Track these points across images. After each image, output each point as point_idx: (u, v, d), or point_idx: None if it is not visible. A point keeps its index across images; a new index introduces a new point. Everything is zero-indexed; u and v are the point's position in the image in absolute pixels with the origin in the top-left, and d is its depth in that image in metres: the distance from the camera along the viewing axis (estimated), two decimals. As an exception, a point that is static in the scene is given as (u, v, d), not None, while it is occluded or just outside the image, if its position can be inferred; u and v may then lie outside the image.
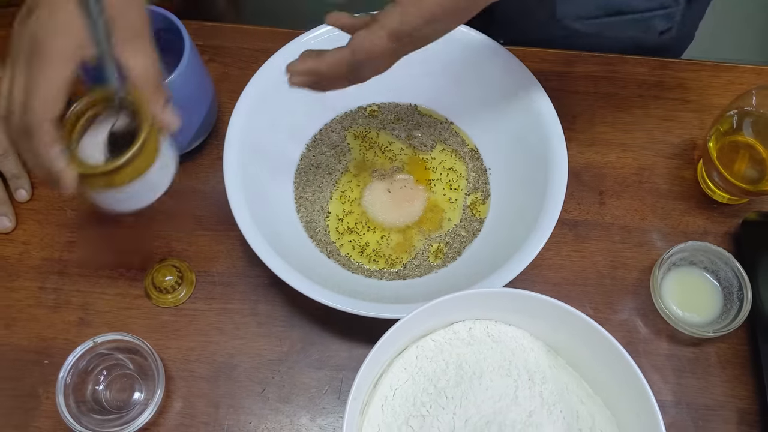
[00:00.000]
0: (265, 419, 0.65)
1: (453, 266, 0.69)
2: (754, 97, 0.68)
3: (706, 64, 0.79)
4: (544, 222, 0.64)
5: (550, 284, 0.70)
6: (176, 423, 0.65)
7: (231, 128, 0.67)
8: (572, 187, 0.73)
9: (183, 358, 0.67)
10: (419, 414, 0.57)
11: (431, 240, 0.71)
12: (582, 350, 0.59)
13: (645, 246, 0.72)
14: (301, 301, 0.68)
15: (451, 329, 0.60)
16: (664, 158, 0.76)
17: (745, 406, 0.66)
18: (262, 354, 0.67)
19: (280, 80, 0.69)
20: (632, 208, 0.73)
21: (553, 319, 0.58)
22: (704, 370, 0.67)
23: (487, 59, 0.71)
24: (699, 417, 0.66)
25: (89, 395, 0.64)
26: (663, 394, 0.66)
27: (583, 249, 0.72)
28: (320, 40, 0.70)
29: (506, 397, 0.58)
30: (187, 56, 0.64)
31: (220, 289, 0.69)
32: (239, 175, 0.65)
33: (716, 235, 0.72)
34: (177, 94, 0.65)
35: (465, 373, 0.59)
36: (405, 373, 0.59)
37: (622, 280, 0.70)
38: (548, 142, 0.67)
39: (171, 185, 0.58)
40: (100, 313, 0.68)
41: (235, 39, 0.80)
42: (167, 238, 0.71)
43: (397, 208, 0.71)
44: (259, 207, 0.66)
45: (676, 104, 0.77)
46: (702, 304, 0.69)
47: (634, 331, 0.69)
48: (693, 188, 0.74)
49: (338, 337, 0.68)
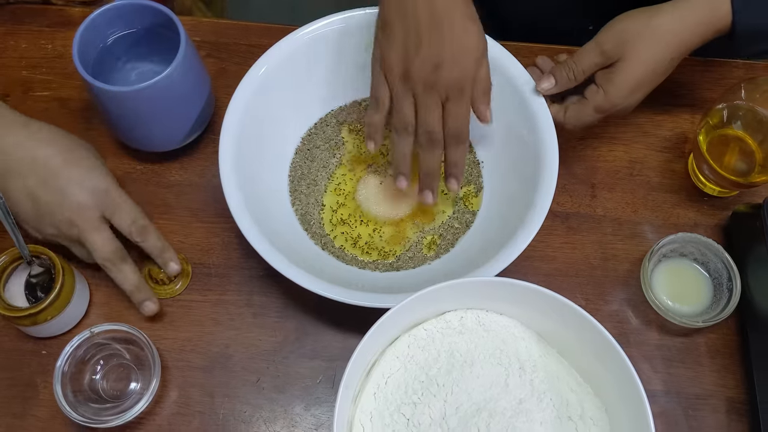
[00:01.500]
0: (259, 408, 0.66)
1: (446, 258, 0.70)
2: (742, 90, 0.69)
3: (697, 59, 0.80)
4: (535, 213, 0.64)
5: (542, 275, 0.71)
6: (172, 412, 0.66)
7: (226, 122, 0.68)
8: (564, 180, 0.74)
9: (179, 349, 0.68)
10: (411, 401, 0.58)
11: (425, 232, 0.72)
12: (572, 340, 0.60)
13: (636, 238, 0.73)
14: (296, 292, 0.69)
15: (443, 318, 0.61)
16: (656, 152, 0.76)
17: (733, 395, 0.67)
18: (257, 344, 0.68)
19: (275, 75, 0.70)
20: (624, 201, 0.74)
21: (543, 309, 0.59)
22: (694, 359, 0.68)
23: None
24: (689, 406, 0.67)
25: (86, 385, 0.65)
26: (653, 384, 0.67)
27: (574, 241, 0.73)
28: (314, 35, 0.71)
29: (497, 385, 0.59)
30: (182, 50, 0.65)
31: (216, 280, 0.70)
32: (235, 168, 0.66)
33: (706, 227, 0.73)
34: (173, 89, 0.66)
35: (456, 362, 0.59)
36: (397, 362, 0.60)
37: (614, 271, 0.71)
38: (540, 136, 0.68)
39: (88, 306, 0.69)
40: (98, 305, 0.69)
41: (232, 35, 0.81)
42: (164, 230, 0.72)
43: (390, 202, 0.72)
44: (254, 200, 0.66)
45: (667, 98, 0.77)
46: (692, 294, 0.69)
47: (624, 321, 0.70)
48: (684, 181, 0.75)
49: (332, 328, 0.69)
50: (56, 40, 0.80)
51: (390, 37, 0.62)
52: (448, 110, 0.63)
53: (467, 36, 0.61)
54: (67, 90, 0.78)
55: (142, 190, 0.73)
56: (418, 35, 0.60)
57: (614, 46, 0.65)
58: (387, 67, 0.63)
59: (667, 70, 0.66)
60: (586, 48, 0.67)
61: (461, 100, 0.63)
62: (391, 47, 0.62)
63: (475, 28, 0.62)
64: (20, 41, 0.80)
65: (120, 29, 0.70)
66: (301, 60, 0.71)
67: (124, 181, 0.74)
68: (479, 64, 0.63)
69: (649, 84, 0.66)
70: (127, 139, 0.73)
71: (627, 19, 0.66)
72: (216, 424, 0.65)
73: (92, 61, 0.68)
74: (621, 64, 0.65)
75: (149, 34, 0.70)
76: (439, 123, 0.63)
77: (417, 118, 0.63)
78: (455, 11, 0.61)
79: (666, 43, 0.64)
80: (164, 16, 0.67)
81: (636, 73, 0.65)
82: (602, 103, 0.66)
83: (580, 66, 0.67)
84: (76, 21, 0.67)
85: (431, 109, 0.62)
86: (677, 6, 0.65)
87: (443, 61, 0.61)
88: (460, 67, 0.61)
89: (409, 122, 0.64)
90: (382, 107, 0.64)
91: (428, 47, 0.60)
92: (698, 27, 0.64)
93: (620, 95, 0.66)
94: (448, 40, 0.60)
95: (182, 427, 0.65)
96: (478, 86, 0.64)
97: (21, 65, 0.79)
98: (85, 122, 0.76)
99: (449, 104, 0.63)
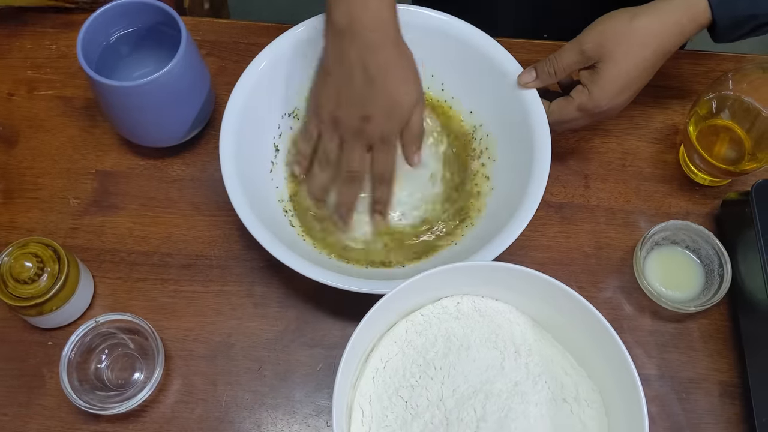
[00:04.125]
0: (261, 395, 0.67)
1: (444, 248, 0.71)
2: (730, 81, 0.70)
3: (686, 52, 0.82)
4: (528, 202, 0.66)
5: (536, 264, 0.72)
6: (176, 400, 0.67)
7: (226, 117, 0.69)
8: (558, 171, 0.76)
9: (182, 338, 0.69)
10: (409, 384, 0.59)
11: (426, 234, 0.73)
12: (567, 325, 0.61)
13: (629, 227, 0.74)
14: (296, 282, 0.70)
15: (439, 304, 0.63)
16: (647, 143, 0.78)
17: (726, 379, 0.68)
18: (259, 333, 0.69)
19: (274, 71, 0.72)
20: (616, 191, 0.76)
21: (539, 294, 0.60)
22: (687, 344, 0.69)
23: (475, 49, 0.73)
24: (682, 390, 0.68)
25: (92, 373, 0.66)
26: (647, 368, 0.68)
27: (568, 230, 0.74)
28: (313, 32, 0.73)
29: (493, 368, 0.60)
30: (183, 47, 0.67)
31: (218, 271, 0.72)
32: (235, 163, 0.68)
33: (698, 216, 0.74)
34: (174, 84, 0.68)
35: (453, 345, 0.61)
36: (395, 347, 0.61)
37: (607, 259, 0.73)
38: (532, 128, 0.69)
39: (92, 297, 0.70)
40: (102, 296, 0.71)
41: (231, 34, 0.83)
42: (167, 224, 0.73)
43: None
44: (254, 193, 0.68)
45: (658, 91, 0.79)
46: (684, 281, 0.71)
47: (618, 308, 0.71)
48: (675, 171, 0.77)
49: (331, 317, 0.70)
50: (60, 40, 0.82)
51: (326, 83, 0.65)
52: (374, 156, 0.66)
53: (401, 91, 0.64)
54: (70, 89, 0.79)
55: (145, 185, 0.75)
56: (352, 87, 0.63)
57: (594, 46, 0.66)
58: (319, 109, 0.66)
59: (650, 71, 0.67)
60: (567, 46, 0.68)
61: (387, 149, 0.66)
62: (325, 92, 0.65)
63: (410, 82, 0.64)
64: (25, 42, 0.81)
65: (122, 27, 0.71)
66: (299, 56, 0.73)
67: (127, 176, 0.75)
68: (411, 114, 0.65)
69: (633, 86, 0.67)
70: (130, 135, 0.74)
71: (609, 20, 0.66)
72: (219, 411, 0.67)
73: (95, 59, 0.70)
74: (603, 65, 0.66)
75: (151, 32, 0.72)
76: (361, 164, 0.66)
77: (341, 156, 0.67)
78: (392, 67, 0.63)
79: (647, 45, 0.65)
80: (166, 14, 0.69)
81: (619, 75, 0.66)
82: (586, 103, 0.67)
83: (560, 63, 0.68)
84: (78, 22, 0.69)
85: (355, 151, 0.66)
86: (657, 7, 0.66)
87: (372, 116, 0.63)
88: (390, 121, 0.64)
89: (331, 159, 0.67)
90: (310, 138, 0.68)
91: (359, 100, 0.63)
92: (678, 26, 0.65)
93: (604, 96, 0.66)
94: (380, 96, 0.63)
95: (185, 414, 0.66)
96: (408, 134, 0.66)
97: (26, 65, 0.80)
98: (89, 119, 0.78)
99: (375, 152, 0.66)
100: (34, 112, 0.78)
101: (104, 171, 0.76)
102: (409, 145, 0.68)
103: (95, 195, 0.75)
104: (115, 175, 0.76)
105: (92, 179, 0.75)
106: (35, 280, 0.64)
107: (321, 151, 0.68)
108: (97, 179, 0.75)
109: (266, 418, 0.67)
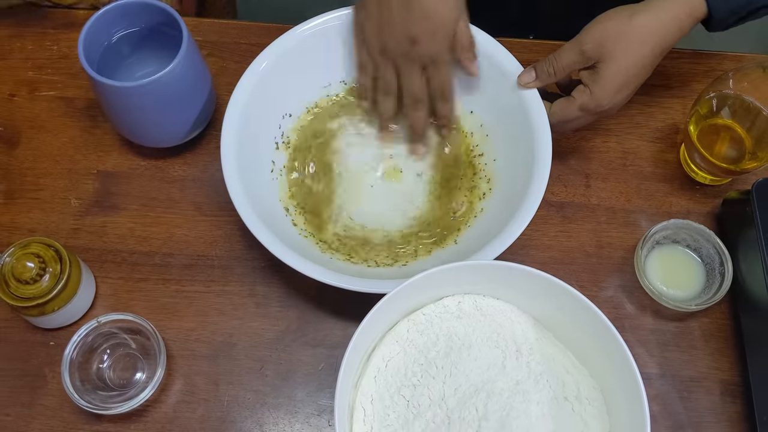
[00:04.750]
0: (263, 395, 0.67)
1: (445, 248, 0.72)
2: (731, 80, 0.70)
3: (687, 52, 0.82)
4: (529, 202, 0.66)
5: (538, 263, 0.71)
6: (178, 400, 0.67)
7: (228, 117, 0.69)
8: (559, 170, 0.76)
9: (184, 338, 0.69)
10: (410, 383, 0.59)
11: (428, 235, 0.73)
12: (568, 323, 0.61)
13: (630, 226, 0.74)
14: (297, 282, 0.70)
15: (441, 304, 0.63)
16: (648, 142, 0.78)
17: (727, 377, 0.68)
18: (260, 333, 0.70)
19: (275, 70, 0.72)
20: (617, 190, 0.76)
21: (540, 293, 0.60)
22: (688, 343, 0.69)
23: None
24: (683, 388, 0.68)
25: (94, 373, 0.66)
26: (648, 367, 0.68)
27: (570, 230, 0.74)
28: (313, 32, 0.73)
29: (494, 367, 0.60)
30: (184, 47, 0.67)
31: (219, 272, 0.72)
32: (236, 163, 0.68)
33: (698, 215, 0.75)
34: (175, 84, 0.68)
35: (454, 345, 0.61)
36: (397, 346, 0.61)
37: (608, 258, 0.73)
38: (533, 127, 0.69)
39: (94, 298, 0.70)
40: (104, 297, 0.71)
41: (233, 35, 0.83)
42: (169, 224, 0.74)
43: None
44: (255, 193, 0.68)
45: (658, 90, 0.79)
46: (685, 279, 0.71)
47: (620, 307, 0.71)
48: (676, 170, 0.77)
49: (333, 317, 0.70)
50: (61, 41, 0.82)
51: (367, 16, 0.68)
52: (430, 75, 0.69)
53: (439, 9, 0.65)
54: (72, 89, 0.80)
55: (146, 185, 0.75)
56: (391, 14, 0.65)
57: (594, 46, 0.66)
58: (366, 44, 0.69)
59: (649, 68, 0.68)
60: (567, 46, 0.68)
61: (441, 66, 0.68)
62: (368, 25, 0.68)
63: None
64: (26, 43, 0.82)
65: (124, 28, 0.72)
66: (300, 56, 0.73)
67: (128, 176, 0.76)
68: (455, 27, 0.67)
69: (633, 83, 0.68)
70: (131, 135, 0.74)
71: (607, 20, 0.67)
72: (221, 411, 0.67)
73: (97, 59, 0.70)
74: (603, 65, 0.66)
75: (152, 33, 0.72)
76: (420, 86, 0.69)
77: (400, 83, 0.69)
78: None
79: (645, 42, 0.66)
80: (167, 14, 0.69)
81: (619, 74, 0.66)
82: (588, 102, 0.68)
83: (560, 63, 0.68)
84: (80, 23, 0.69)
85: (413, 75, 0.68)
86: (655, 4, 0.66)
87: (417, 37, 0.66)
88: (435, 40, 0.66)
89: (391, 87, 0.70)
90: (366, 71, 0.71)
91: (401, 24, 0.65)
92: (676, 22, 0.66)
93: (605, 95, 0.67)
94: (420, 17, 0.65)
95: (187, 414, 0.66)
96: (458, 47, 0.68)
97: (27, 66, 0.81)
98: (90, 120, 0.78)
99: (430, 71, 0.68)
100: (36, 113, 0.78)
101: (106, 171, 0.76)
102: (463, 58, 0.70)
103: (97, 195, 0.75)
104: (117, 176, 0.76)
105: (94, 179, 0.75)
106: (37, 281, 0.64)
107: (381, 82, 0.71)
108: (99, 179, 0.75)
109: (268, 417, 0.67)
